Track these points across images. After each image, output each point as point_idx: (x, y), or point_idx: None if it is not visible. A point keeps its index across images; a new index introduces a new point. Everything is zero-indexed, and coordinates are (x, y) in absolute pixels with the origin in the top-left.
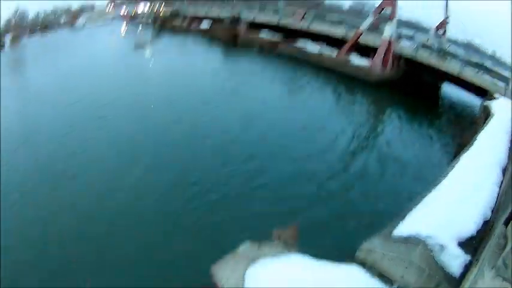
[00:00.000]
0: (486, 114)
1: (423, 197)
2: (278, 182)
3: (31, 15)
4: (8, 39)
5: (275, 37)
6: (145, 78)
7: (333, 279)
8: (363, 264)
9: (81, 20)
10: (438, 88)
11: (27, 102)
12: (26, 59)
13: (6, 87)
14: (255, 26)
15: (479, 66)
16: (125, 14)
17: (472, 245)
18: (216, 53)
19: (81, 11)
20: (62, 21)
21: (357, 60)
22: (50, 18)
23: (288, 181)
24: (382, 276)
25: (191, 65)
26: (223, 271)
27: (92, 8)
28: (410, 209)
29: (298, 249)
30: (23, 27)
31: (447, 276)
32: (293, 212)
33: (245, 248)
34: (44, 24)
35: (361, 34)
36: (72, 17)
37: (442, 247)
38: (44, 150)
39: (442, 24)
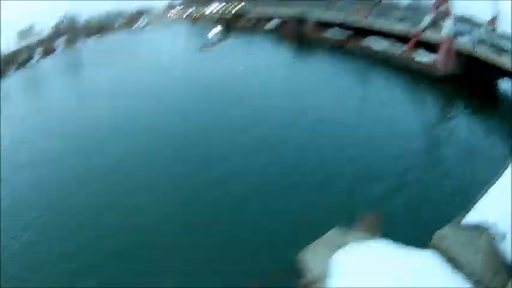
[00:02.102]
0: None
1: (492, 185)
2: (361, 172)
3: (84, 18)
4: (60, 43)
5: (342, 35)
6: (215, 78)
7: (413, 265)
8: (437, 250)
9: (139, 23)
10: (496, 84)
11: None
12: (84, 61)
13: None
14: (322, 25)
15: None
16: (188, 15)
17: None
18: (284, 52)
19: (139, 13)
20: (118, 24)
21: (421, 56)
22: (105, 21)
23: (369, 171)
24: (453, 263)
25: (260, 64)
26: (310, 256)
27: (151, 10)
28: (479, 197)
29: (382, 236)
30: (76, 31)
31: (506, 264)
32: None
33: (331, 234)
34: (99, 28)
35: (423, 31)
36: (129, 19)
37: (503, 235)
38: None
39: (494, 20)
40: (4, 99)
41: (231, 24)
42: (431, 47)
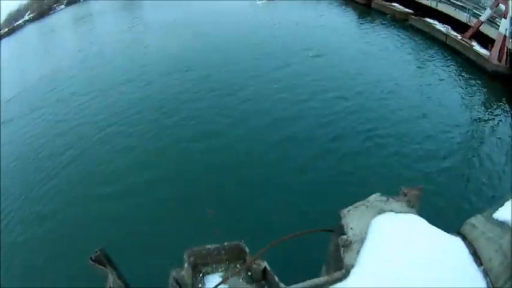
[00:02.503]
0: None
1: None
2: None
3: None
4: None
5: (405, 9)
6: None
7: (440, 247)
8: (465, 238)
9: None
10: None
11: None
12: None
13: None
14: None
15: None
16: None
17: None
18: (349, 13)
19: None
20: None
21: (477, 47)
22: None
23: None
24: (476, 255)
25: (323, 22)
26: (351, 216)
27: None
28: None
29: (418, 210)
30: None
31: None
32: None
33: (374, 198)
34: None
35: (481, 24)
36: None
37: None
38: None
39: None
40: None
41: None
42: (486, 42)
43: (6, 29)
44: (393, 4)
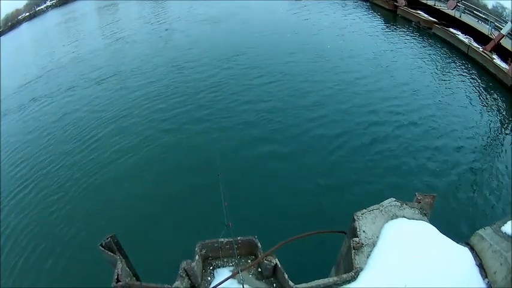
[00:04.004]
0: None
1: None
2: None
3: None
4: None
5: (429, 18)
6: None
7: (448, 257)
8: (472, 249)
9: None
10: None
11: None
12: None
13: None
14: (414, 3)
15: None
16: None
17: None
18: (375, 17)
19: None
20: None
21: (498, 60)
22: None
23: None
24: (482, 267)
25: (351, 26)
26: (364, 219)
27: None
28: None
29: (430, 218)
30: None
31: None
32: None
33: (389, 203)
34: None
35: (502, 37)
36: None
37: None
38: None
39: None
40: None
41: None
42: (506, 55)
43: (28, 13)
44: (418, 12)
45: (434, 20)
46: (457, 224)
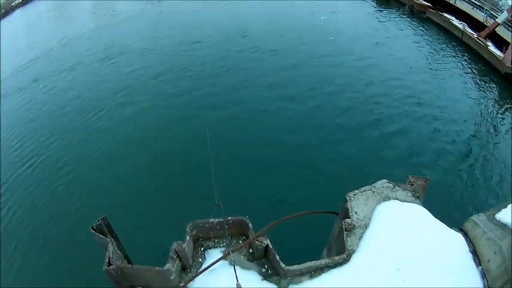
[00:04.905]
0: None
1: None
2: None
3: None
4: None
5: (424, 2)
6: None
7: (441, 241)
8: (466, 235)
9: None
10: None
11: None
12: None
13: None
14: None
15: None
16: None
17: None
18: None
19: None
20: None
21: (492, 47)
22: None
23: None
24: (475, 254)
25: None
26: (356, 200)
27: None
28: None
29: (423, 201)
30: None
31: None
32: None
33: (381, 184)
34: None
35: (497, 25)
36: None
37: None
38: None
39: None
40: None
41: None
42: (501, 43)
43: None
44: None
45: (429, 4)
46: (448, 209)
